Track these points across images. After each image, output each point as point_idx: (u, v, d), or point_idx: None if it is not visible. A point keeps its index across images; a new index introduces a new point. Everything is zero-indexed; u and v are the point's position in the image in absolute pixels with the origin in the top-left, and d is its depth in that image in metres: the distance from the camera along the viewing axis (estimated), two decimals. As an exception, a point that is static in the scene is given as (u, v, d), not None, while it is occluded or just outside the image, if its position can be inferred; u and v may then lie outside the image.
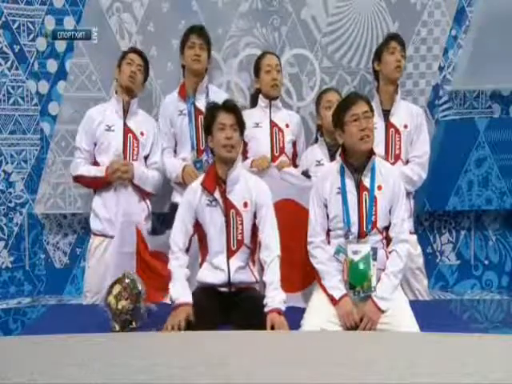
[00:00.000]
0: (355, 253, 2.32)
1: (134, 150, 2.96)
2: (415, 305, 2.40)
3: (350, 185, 2.38)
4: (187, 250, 2.46)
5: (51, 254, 3.41)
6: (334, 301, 2.31)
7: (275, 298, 2.28)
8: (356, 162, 2.39)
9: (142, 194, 2.98)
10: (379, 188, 2.37)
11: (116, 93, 3.02)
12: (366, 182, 2.38)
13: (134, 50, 3.05)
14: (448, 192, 3.31)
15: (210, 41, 3.06)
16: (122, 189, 2.92)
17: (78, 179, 2.98)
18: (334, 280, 2.34)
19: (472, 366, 1.63)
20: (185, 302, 2.28)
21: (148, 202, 3.02)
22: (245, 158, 2.97)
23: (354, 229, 2.34)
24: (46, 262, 3.40)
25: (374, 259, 2.32)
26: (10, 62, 3.30)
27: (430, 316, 2.42)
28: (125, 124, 2.97)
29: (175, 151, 3.06)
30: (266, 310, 2.26)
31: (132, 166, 2.91)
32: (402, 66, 2.96)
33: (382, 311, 2.27)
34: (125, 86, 2.96)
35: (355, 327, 2.27)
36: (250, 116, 2.83)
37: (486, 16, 3.26)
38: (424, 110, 3.23)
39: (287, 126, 3.05)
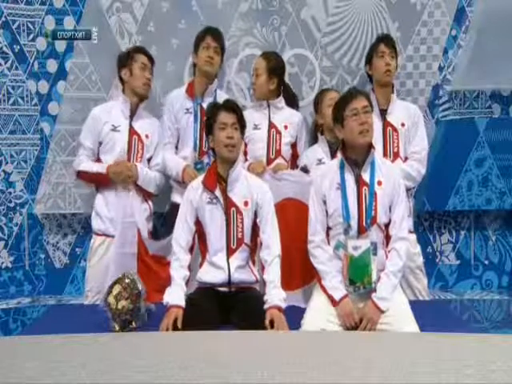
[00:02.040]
0: (355, 248, 2.32)
1: (138, 151, 2.95)
2: (415, 305, 2.40)
3: (350, 179, 2.38)
4: (191, 249, 2.46)
5: (51, 253, 3.40)
6: (334, 302, 2.31)
7: (275, 295, 2.29)
8: (356, 157, 2.40)
9: (145, 194, 2.97)
10: (379, 183, 2.38)
11: (123, 92, 2.98)
12: (366, 176, 2.38)
13: (143, 52, 2.97)
14: (448, 192, 3.31)
15: (224, 46, 3.05)
16: (125, 189, 2.91)
17: (81, 175, 2.97)
18: (334, 281, 2.34)
19: (472, 366, 1.64)
20: (175, 304, 2.28)
21: (150, 202, 3.01)
22: (245, 159, 2.97)
23: (354, 223, 2.34)
24: (46, 262, 3.39)
25: (374, 254, 2.32)
26: (9, 62, 3.29)
27: (429, 316, 2.42)
28: (131, 125, 2.95)
29: (177, 147, 3.04)
30: (265, 306, 2.27)
31: (136, 168, 2.89)
32: (392, 69, 2.94)
33: (382, 311, 2.27)
34: (140, 93, 2.94)
35: (355, 327, 2.28)
36: (249, 117, 2.82)
37: (485, 16, 3.26)
38: (424, 109, 3.24)
39: (286, 127, 3.03)
